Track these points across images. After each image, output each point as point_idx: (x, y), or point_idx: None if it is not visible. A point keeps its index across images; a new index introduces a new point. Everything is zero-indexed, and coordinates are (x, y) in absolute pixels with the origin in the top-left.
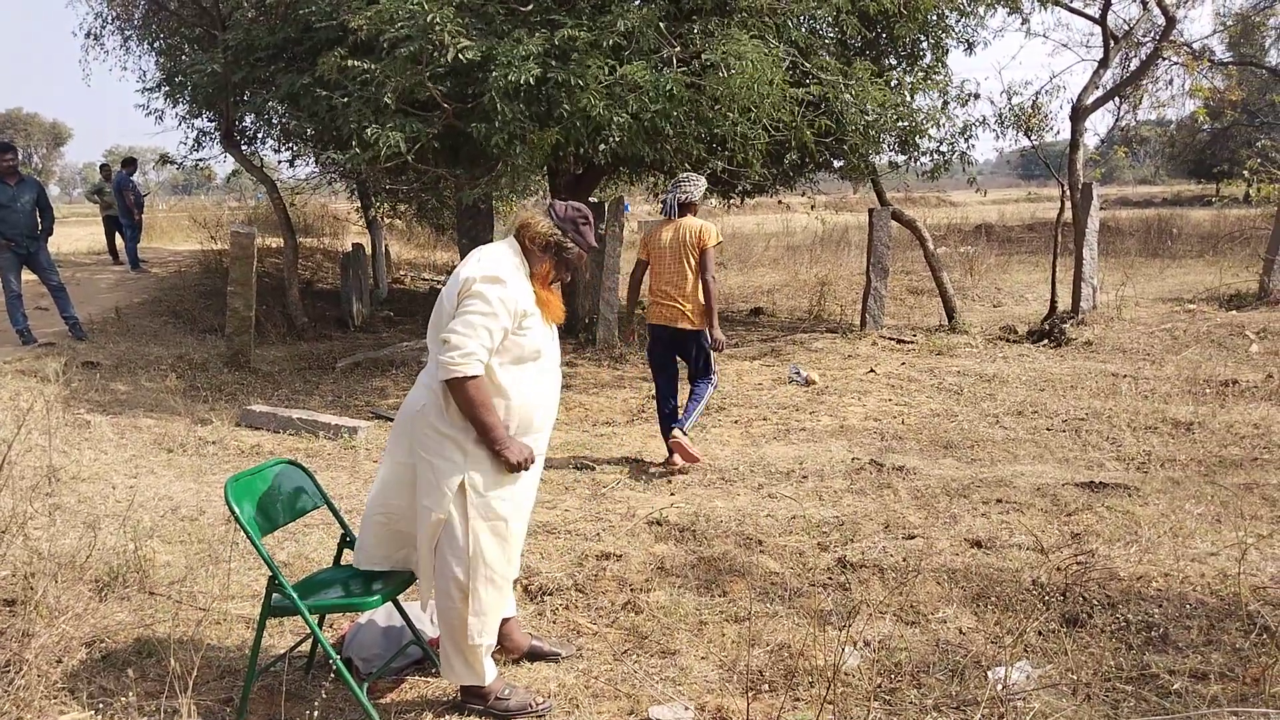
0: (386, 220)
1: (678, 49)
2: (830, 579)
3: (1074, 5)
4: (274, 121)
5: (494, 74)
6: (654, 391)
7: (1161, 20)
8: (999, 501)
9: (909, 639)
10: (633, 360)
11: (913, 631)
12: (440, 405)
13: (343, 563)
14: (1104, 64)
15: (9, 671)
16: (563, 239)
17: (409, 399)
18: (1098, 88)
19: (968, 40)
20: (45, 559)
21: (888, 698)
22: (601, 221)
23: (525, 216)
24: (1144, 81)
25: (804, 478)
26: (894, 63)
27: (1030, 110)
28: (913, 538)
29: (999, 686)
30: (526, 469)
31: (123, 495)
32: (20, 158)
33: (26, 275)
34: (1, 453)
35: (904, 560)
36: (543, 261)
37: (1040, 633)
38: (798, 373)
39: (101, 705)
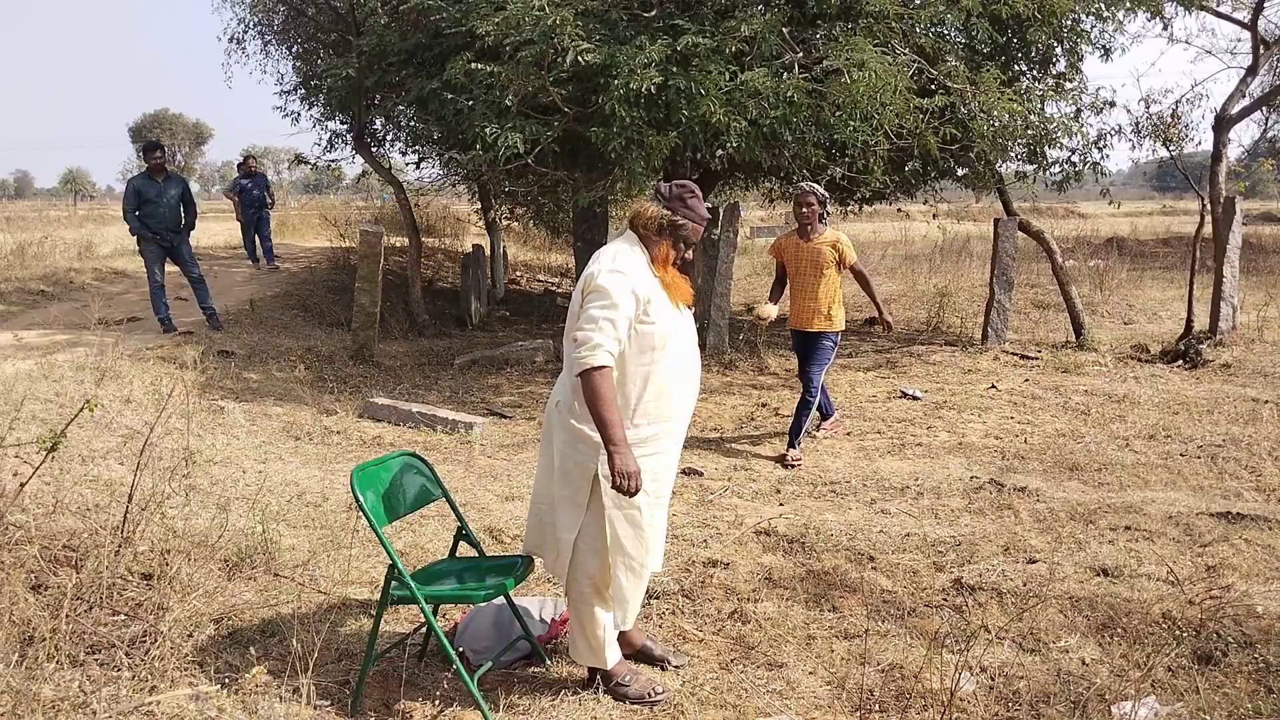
0: (505, 222)
1: (800, 55)
2: (945, 600)
3: (1221, 10)
4: (402, 124)
5: (615, 82)
6: None
7: None
8: (1128, 529)
9: (1028, 667)
10: (742, 367)
11: (1032, 660)
12: (572, 401)
13: (458, 555)
14: (1252, 71)
15: (145, 642)
16: (674, 217)
17: (552, 394)
18: (1244, 96)
19: (1104, 46)
20: (180, 537)
21: None
22: (715, 227)
23: (636, 206)
24: None
25: (919, 494)
26: (1024, 68)
27: (1170, 119)
28: (1034, 562)
29: None
30: (628, 490)
31: (252, 479)
32: (166, 155)
33: (169, 267)
34: (144, 435)
35: (1024, 585)
36: (659, 244)
37: (1170, 669)
38: (903, 394)
39: (227, 680)
